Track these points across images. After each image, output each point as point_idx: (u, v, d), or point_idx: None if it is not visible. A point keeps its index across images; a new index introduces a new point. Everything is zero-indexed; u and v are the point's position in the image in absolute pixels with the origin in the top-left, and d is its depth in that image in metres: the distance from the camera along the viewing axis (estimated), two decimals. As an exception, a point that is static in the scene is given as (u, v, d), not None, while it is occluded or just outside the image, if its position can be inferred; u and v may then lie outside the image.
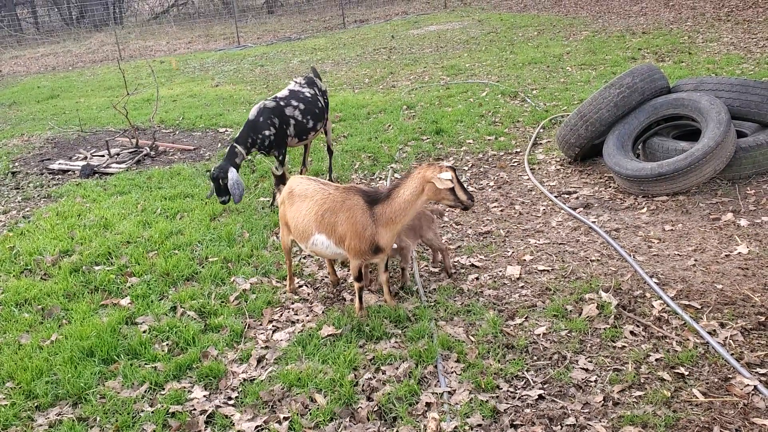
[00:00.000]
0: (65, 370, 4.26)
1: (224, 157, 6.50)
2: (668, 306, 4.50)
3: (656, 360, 3.98)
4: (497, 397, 3.76)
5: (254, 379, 4.13)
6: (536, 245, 5.68)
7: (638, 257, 5.26)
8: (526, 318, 4.55)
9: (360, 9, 29.44)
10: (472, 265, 5.42)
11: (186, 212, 6.90)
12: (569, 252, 5.49)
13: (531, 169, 7.46)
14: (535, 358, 4.12)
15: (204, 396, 4.02)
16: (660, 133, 6.81)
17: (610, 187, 6.72)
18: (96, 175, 8.77)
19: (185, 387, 4.11)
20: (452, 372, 4.02)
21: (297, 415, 3.73)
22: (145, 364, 4.35)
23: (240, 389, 4.06)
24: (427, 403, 3.75)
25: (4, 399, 4.08)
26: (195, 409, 3.90)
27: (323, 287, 5.26)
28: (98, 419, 3.86)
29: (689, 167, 6.01)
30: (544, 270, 5.22)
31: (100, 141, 10.45)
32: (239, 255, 5.78)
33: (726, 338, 4.11)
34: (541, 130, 8.74)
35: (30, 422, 3.88)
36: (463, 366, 4.06)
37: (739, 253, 5.15)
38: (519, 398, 3.76)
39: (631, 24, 15.93)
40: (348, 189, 4.55)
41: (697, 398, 3.62)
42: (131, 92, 13.68)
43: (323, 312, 4.84)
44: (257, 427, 3.70)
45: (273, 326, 4.73)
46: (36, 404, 4.02)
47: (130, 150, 9.70)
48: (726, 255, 5.17)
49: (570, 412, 3.60)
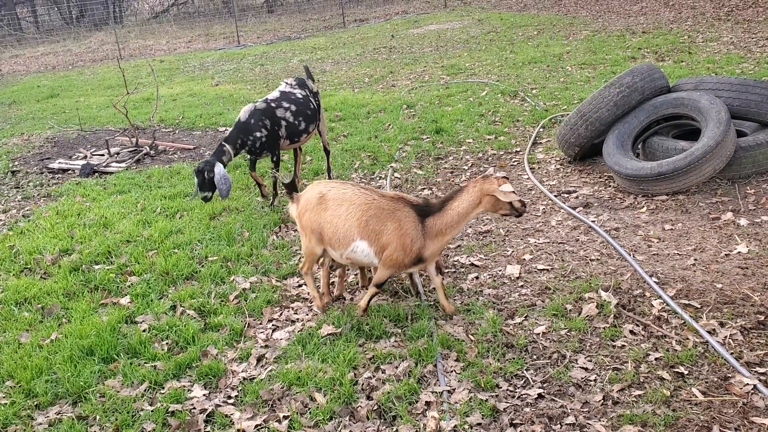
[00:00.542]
0: (65, 369, 4.26)
1: (212, 154, 6.49)
2: (668, 305, 4.50)
3: (656, 359, 3.98)
4: (497, 396, 3.77)
5: (254, 378, 4.14)
6: (536, 244, 5.68)
7: (638, 256, 5.26)
8: (526, 317, 4.55)
9: (360, 8, 29.44)
10: (472, 264, 5.43)
11: (186, 211, 6.90)
12: (569, 251, 5.49)
13: (531, 169, 7.46)
14: (535, 357, 4.12)
15: (204, 395, 4.02)
16: (660, 133, 6.81)
17: (610, 187, 6.72)
18: (96, 174, 8.77)
19: (185, 386, 4.11)
20: (452, 371, 4.02)
21: (297, 414, 3.73)
22: (145, 363, 4.35)
23: (240, 388, 4.06)
24: (427, 402, 3.76)
25: (4, 398, 4.08)
26: (195, 408, 3.90)
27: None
28: (98, 418, 3.86)
29: (689, 167, 6.01)
30: (544, 269, 5.22)
31: (100, 140, 10.45)
32: (239, 254, 5.78)
33: (725, 337, 4.11)
34: (541, 130, 8.74)
35: (30, 421, 3.88)
36: (463, 365, 4.06)
37: (739, 253, 5.16)
38: (518, 397, 3.76)
39: (631, 23, 15.93)
40: (397, 198, 4.42)
41: (697, 397, 3.62)
42: (131, 91, 13.69)
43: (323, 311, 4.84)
44: (257, 426, 3.71)
45: (273, 325, 4.73)
46: (36, 403, 4.02)
47: (130, 149, 9.70)
48: (726, 254, 5.18)
49: (569, 411, 3.60)
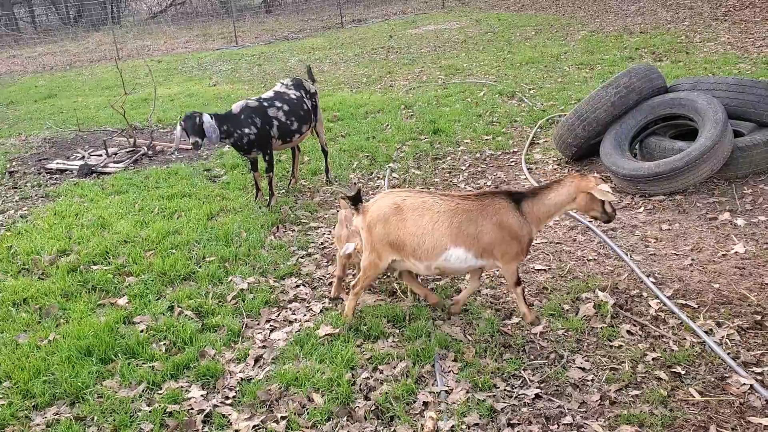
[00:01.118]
0: (63, 370, 4.25)
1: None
2: (665, 305, 4.51)
3: (653, 359, 3.99)
4: (494, 396, 3.77)
5: (251, 379, 4.14)
6: (533, 244, 5.69)
7: (635, 256, 5.27)
8: (523, 317, 4.55)
9: (358, 8, 29.44)
10: (470, 265, 5.42)
11: (183, 212, 6.89)
12: (566, 251, 5.50)
13: (528, 169, 7.47)
14: (532, 357, 4.13)
15: (201, 395, 4.02)
16: (657, 133, 6.82)
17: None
18: (94, 175, 8.76)
19: (183, 386, 4.11)
20: (449, 371, 4.03)
21: (294, 415, 3.74)
22: (143, 364, 4.34)
23: (237, 389, 4.06)
24: (425, 402, 3.76)
25: (2, 398, 4.07)
26: (192, 409, 3.90)
27: (321, 287, 5.26)
28: (95, 419, 3.86)
29: (686, 167, 6.02)
30: (541, 269, 5.23)
31: (98, 140, 10.45)
32: (236, 254, 5.78)
33: (722, 337, 4.12)
34: (539, 130, 8.75)
35: (27, 422, 3.88)
36: (461, 365, 4.06)
37: (736, 253, 5.17)
38: (516, 397, 3.77)
39: (629, 23, 15.95)
40: (484, 194, 4.26)
41: (694, 397, 3.63)
42: (129, 92, 13.69)
43: (321, 311, 4.85)
44: (254, 427, 3.71)
45: (270, 326, 4.73)
46: (33, 404, 4.02)
47: (128, 149, 9.69)
48: (723, 254, 5.19)
49: (567, 411, 3.61)
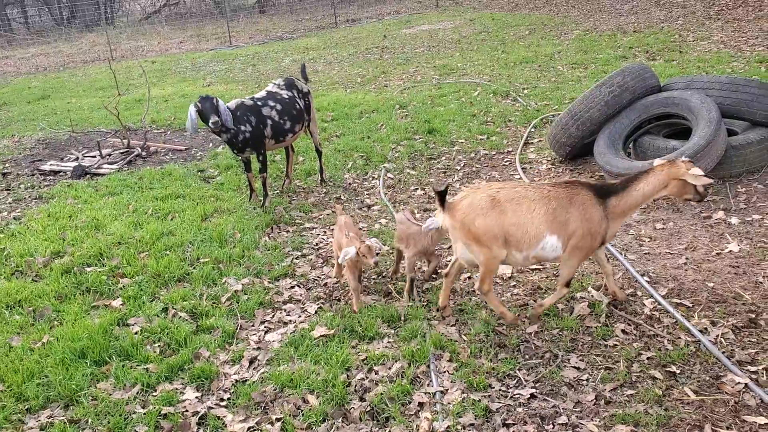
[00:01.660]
0: (56, 372, 4.23)
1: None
2: (660, 304, 4.51)
3: (648, 358, 4.00)
4: (489, 396, 3.77)
5: (246, 380, 4.12)
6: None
7: (629, 256, 5.27)
8: (518, 317, 4.55)
9: (352, 8, 29.42)
10: (465, 265, 5.42)
11: (177, 213, 6.87)
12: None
13: (522, 169, 7.47)
14: (527, 357, 4.13)
15: (196, 397, 4.01)
16: (651, 132, 6.83)
17: (602, 186, 6.73)
18: (87, 176, 8.73)
19: (177, 388, 4.10)
20: (445, 371, 4.03)
21: (289, 416, 3.73)
22: (137, 366, 4.33)
23: (232, 390, 4.05)
24: (420, 403, 3.76)
25: (-5, 402, 4.05)
26: (187, 411, 3.89)
27: (316, 288, 5.25)
28: (90, 421, 3.84)
29: (680, 166, 6.01)
30: (536, 269, 5.23)
31: (92, 142, 10.41)
32: (231, 256, 5.77)
33: (717, 336, 4.13)
34: (533, 130, 8.75)
35: (21, 425, 3.86)
36: (456, 365, 4.06)
37: (730, 251, 5.18)
38: (511, 397, 3.77)
39: (622, 23, 15.98)
40: (571, 183, 4.28)
41: (689, 396, 3.63)
42: (123, 92, 13.65)
43: (316, 312, 4.84)
44: (249, 429, 3.70)
45: (265, 327, 4.72)
46: (27, 407, 4.00)
47: (122, 150, 9.66)
48: (717, 253, 5.20)
49: (562, 411, 3.61)
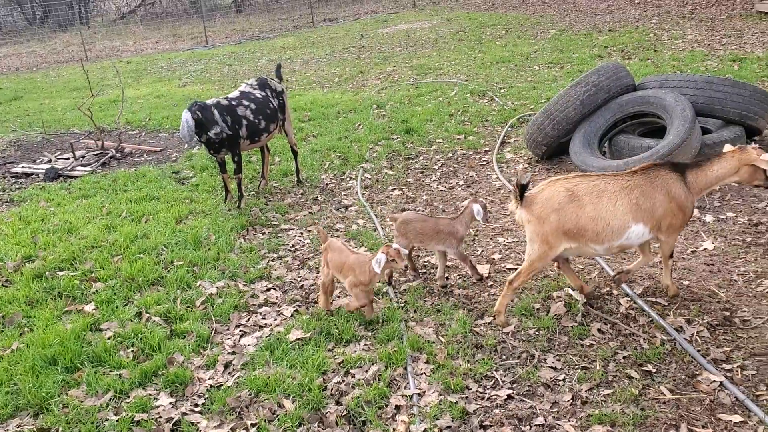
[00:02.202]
0: (26, 380, 4.14)
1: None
2: (635, 303, 4.53)
3: (624, 357, 4.00)
4: (466, 398, 3.75)
5: (221, 385, 4.07)
6: (505, 244, 5.69)
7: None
8: (495, 317, 4.54)
9: (329, 8, 29.33)
10: (442, 265, 5.40)
11: (152, 215, 6.78)
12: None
13: (499, 168, 7.47)
14: (504, 358, 4.11)
15: (170, 403, 3.94)
16: (626, 131, 6.86)
17: (578, 185, 6.75)
18: (60, 179, 8.59)
19: (151, 394, 4.03)
20: (422, 373, 4.00)
21: (264, 422, 3.68)
22: (110, 372, 4.25)
23: (206, 396, 3.99)
24: (397, 406, 3.72)
25: (-37, 411, 3.96)
26: (161, 417, 3.83)
27: (292, 290, 5.20)
28: (60, 430, 3.76)
29: (655, 164, 6.05)
30: (513, 268, 5.22)
31: (65, 143, 10.26)
32: (205, 258, 5.69)
33: (692, 335, 4.15)
34: (509, 129, 8.77)
35: (-11, 435, 3.77)
36: (433, 367, 4.03)
37: (705, 249, 5.21)
38: (488, 398, 3.75)
39: (598, 22, 16.08)
40: (648, 168, 4.30)
41: (665, 395, 3.64)
42: (96, 93, 13.48)
43: (292, 315, 4.79)
44: (224, 434, 3.64)
45: (240, 331, 4.66)
46: (-4, 416, 3.91)
47: (96, 152, 9.54)
48: (692, 251, 5.23)
49: (539, 412, 3.60)
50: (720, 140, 6.33)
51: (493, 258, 5.42)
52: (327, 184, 7.54)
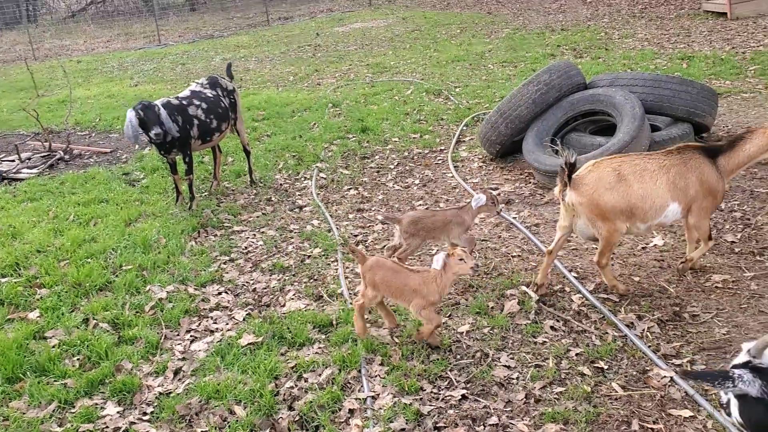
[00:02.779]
0: (-35, 393, 3.99)
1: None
2: (587, 300, 4.56)
3: (576, 354, 4.02)
4: (421, 400, 3.72)
5: (171, 393, 3.96)
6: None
7: (558, 252, 5.30)
8: (450, 316, 4.53)
9: (284, 6, 29.10)
10: (397, 265, 5.37)
11: (100, 218, 6.60)
12: (491, 248, 5.51)
13: (455, 167, 7.48)
14: (459, 357, 4.10)
15: (117, 412, 3.83)
16: (577, 129, 6.93)
17: (531, 183, 6.80)
18: (5, 181, 8.32)
19: (97, 404, 3.91)
20: (376, 376, 3.96)
21: (215, 429, 3.60)
22: (54, 381, 4.11)
23: (155, 404, 3.88)
24: (350, 410, 3.68)
25: None
26: (107, 427, 3.71)
27: (244, 293, 5.11)
28: (1, 443, 3.62)
29: (606, 162, 6.11)
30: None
31: (10, 145, 9.93)
32: (155, 262, 5.56)
33: (643, 330, 4.19)
34: (464, 128, 8.78)
35: (-75, 451, 3.61)
36: (387, 369, 4.00)
37: (655, 245, 5.28)
38: (442, 399, 3.73)
39: (551, 21, 16.26)
40: (683, 149, 4.43)
41: (617, 392, 3.67)
42: (42, 93, 13.12)
43: (244, 319, 4.70)
44: (173, 443, 3.55)
45: (191, 336, 4.55)
46: (-68, 431, 3.75)
47: (43, 154, 9.26)
48: (642, 247, 5.30)
49: (492, 412, 3.59)
50: (669, 137, 6.43)
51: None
52: (281, 185, 7.45)
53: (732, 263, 4.88)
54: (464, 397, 3.72)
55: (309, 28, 21.05)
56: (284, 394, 3.84)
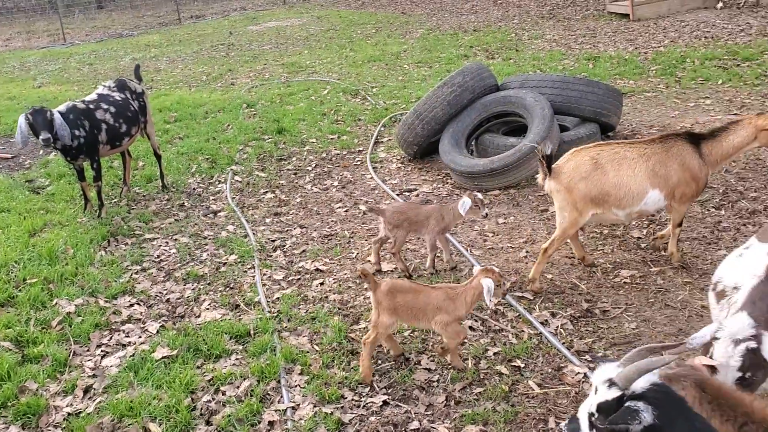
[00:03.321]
0: None
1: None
2: (503, 298, 4.64)
3: (494, 354, 4.09)
4: (342, 408, 3.70)
5: (80, 413, 3.79)
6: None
7: (474, 251, 5.40)
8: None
9: (196, 4, 28.42)
10: (317, 270, 5.33)
11: (1, 229, 6.25)
12: (411, 249, 5.54)
13: (374, 168, 7.48)
14: (380, 362, 4.09)
15: (22, 437, 3.64)
16: (491, 130, 7.07)
17: (448, 183, 6.88)
18: None
19: None
20: (296, 385, 3.91)
21: (129, 449, 3.47)
22: (-49, 407, 3.87)
23: (64, 425, 3.71)
24: (270, 422, 3.62)
25: None
26: (11, 454, 3.52)
27: (158, 304, 4.94)
28: None
29: (518, 162, 6.27)
30: (388, 270, 5.23)
31: None
32: (62, 274, 5.30)
33: (557, 327, 4.30)
34: (382, 129, 8.80)
35: None
36: (308, 378, 3.95)
37: (566, 243, 5.42)
38: (364, 406, 3.72)
39: (463, 22, 16.51)
40: (665, 137, 4.55)
41: (534, 390, 3.75)
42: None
43: (157, 332, 4.54)
44: (84, 467, 3.40)
45: (102, 351, 4.37)
46: None
47: (-65, 161, 8.71)
48: (555, 245, 5.43)
49: (414, 416, 3.61)
50: (577, 137, 6.63)
51: (369, 260, 5.39)
52: (194, 189, 7.26)
53: (638, 259, 5.08)
54: (386, 403, 3.72)
55: (222, 27, 20.64)
56: (201, 409, 3.74)
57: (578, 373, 3.82)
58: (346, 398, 3.77)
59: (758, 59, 9.54)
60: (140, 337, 4.50)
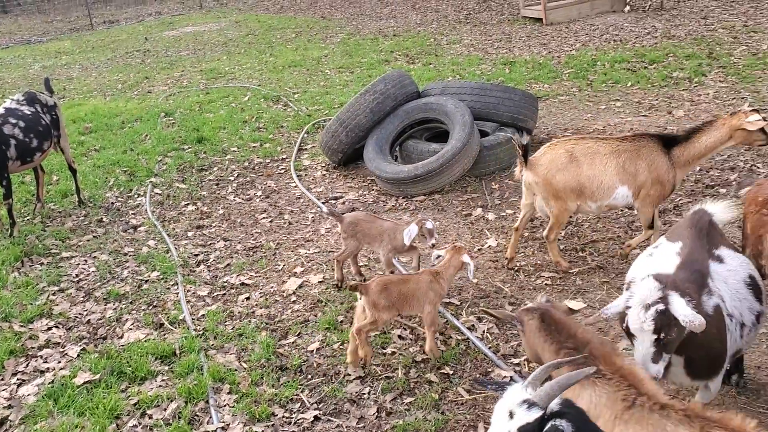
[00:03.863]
0: None
1: None
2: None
3: (423, 362, 4.14)
4: (273, 426, 3.67)
5: (-4, 447, 3.63)
6: (307, 255, 5.66)
7: (401, 259, 5.44)
8: (299, 335, 4.51)
9: (109, 9, 27.54)
10: (243, 284, 5.26)
11: None
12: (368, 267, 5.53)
13: (298, 176, 7.44)
14: (310, 377, 4.08)
15: (-67, 477, 3.45)
16: (414, 136, 7.15)
17: (374, 190, 6.91)
18: None
19: None
20: (225, 405, 3.85)
21: (50, 482, 3.33)
22: None
23: (-21, 462, 3.54)
24: (200, 444, 3.55)
25: None
26: None
27: (77, 326, 4.77)
28: None
29: (441, 167, 6.37)
30: (319, 282, 5.19)
31: None
32: (-28, 299, 5.06)
33: (484, 332, 4.39)
34: (305, 135, 8.76)
35: None
36: (237, 397, 3.90)
37: (490, 246, 5.55)
38: (295, 423, 3.70)
39: (383, 26, 16.61)
40: (638, 136, 4.68)
41: (463, 397, 3.81)
42: None
43: (78, 356, 4.39)
44: (2, 504, 3.25)
45: (18, 380, 4.19)
46: None
47: None
48: (479, 249, 5.55)
49: (346, 430, 3.61)
50: (497, 142, 6.79)
51: (296, 271, 5.36)
52: (113, 203, 7.04)
53: (559, 260, 5.23)
54: (317, 418, 3.71)
55: (137, 33, 20.08)
56: (127, 435, 3.64)
57: (505, 377, 3.91)
58: (277, 415, 3.74)
59: (663, 61, 10.00)
60: (60, 362, 4.33)
